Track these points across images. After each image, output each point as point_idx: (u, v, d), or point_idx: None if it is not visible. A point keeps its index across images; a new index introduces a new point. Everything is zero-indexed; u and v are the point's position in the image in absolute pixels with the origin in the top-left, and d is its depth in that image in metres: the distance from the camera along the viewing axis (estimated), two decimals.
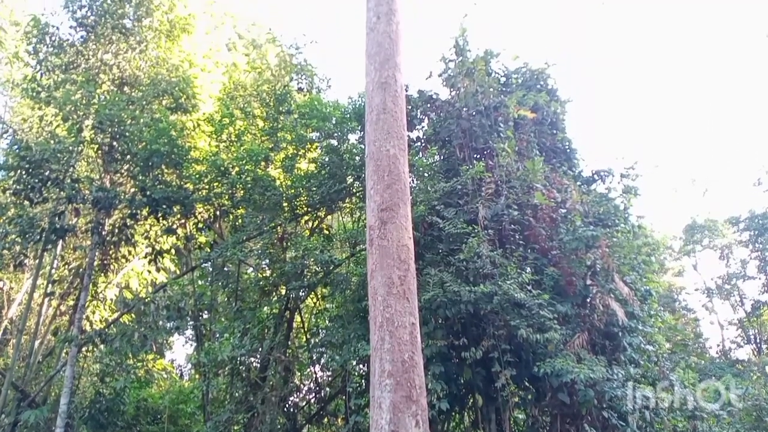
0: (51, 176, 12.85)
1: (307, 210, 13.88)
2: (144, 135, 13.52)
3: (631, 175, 13.01)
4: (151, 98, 14.68)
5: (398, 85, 6.89)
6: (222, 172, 13.13)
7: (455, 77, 13.24)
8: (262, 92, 15.16)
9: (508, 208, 11.27)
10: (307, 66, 15.95)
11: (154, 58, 15.63)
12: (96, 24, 15.11)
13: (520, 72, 14.29)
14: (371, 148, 6.56)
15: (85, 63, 15.03)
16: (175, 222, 14.51)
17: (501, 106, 12.75)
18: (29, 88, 14.59)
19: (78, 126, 13.67)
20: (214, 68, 16.99)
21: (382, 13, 7.29)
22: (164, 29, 15.69)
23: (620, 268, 11.28)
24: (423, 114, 13.91)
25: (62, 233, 13.48)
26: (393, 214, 6.09)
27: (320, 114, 13.33)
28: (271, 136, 14.06)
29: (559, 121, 13.95)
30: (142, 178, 13.78)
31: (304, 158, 14.30)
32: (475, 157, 12.48)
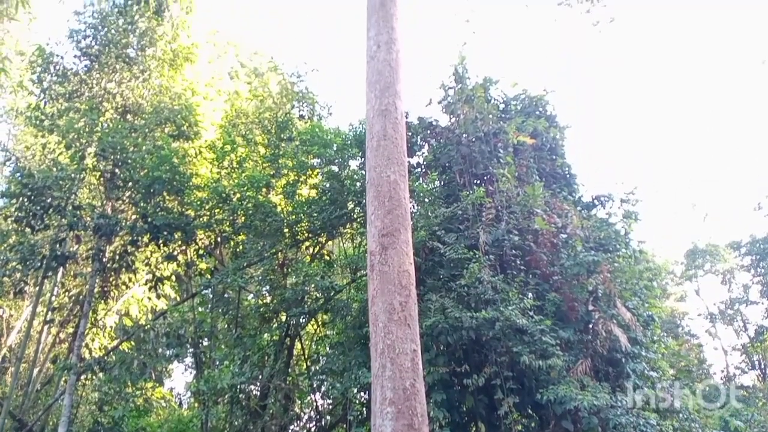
0: (53, 203, 12.90)
1: (308, 236, 13.89)
2: (146, 162, 13.61)
3: (631, 200, 13.06)
4: (154, 126, 14.81)
5: (398, 112, 6.96)
6: (223, 198, 13.18)
7: (455, 104, 13.38)
8: (264, 119, 15.31)
9: (508, 233, 11.28)
10: (309, 94, 16.14)
11: (157, 86, 15.81)
12: (100, 53, 15.32)
13: (519, 99, 14.44)
14: (372, 174, 6.60)
15: (89, 91, 15.20)
16: (176, 248, 14.51)
17: (500, 132, 12.86)
18: (33, 116, 14.73)
19: (80, 153, 13.77)
20: (217, 96, 17.18)
21: (382, 42, 7.40)
22: (167, 58, 15.91)
23: (622, 293, 11.24)
24: (423, 140, 14.02)
25: (63, 260, 13.49)
26: (394, 240, 6.10)
27: (321, 141, 13.44)
28: (273, 163, 14.15)
29: (559, 146, 14.06)
30: (143, 204, 13.83)
31: (305, 184, 14.37)
32: (476, 183, 12.54)
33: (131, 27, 15.52)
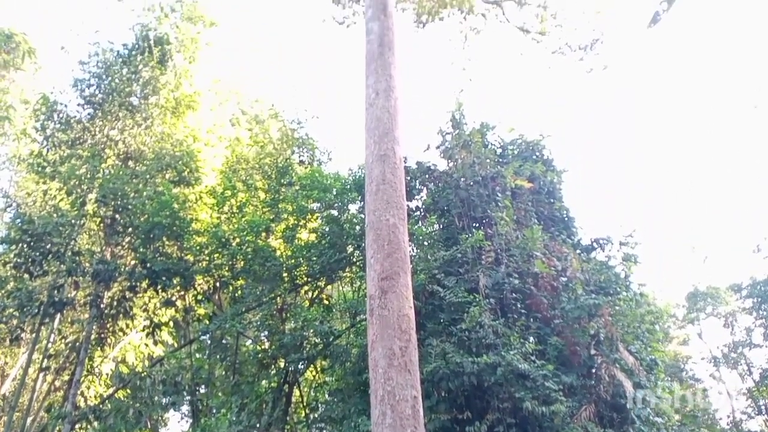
0: (52, 249, 12.90)
1: (307, 280, 13.84)
2: (146, 208, 13.68)
3: (630, 243, 13.09)
4: (155, 172, 14.94)
5: (397, 157, 7.06)
6: (223, 243, 13.19)
7: (452, 149, 13.57)
8: (264, 165, 15.47)
9: (508, 276, 11.26)
10: (309, 140, 16.36)
11: (159, 133, 16.03)
12: (104, 101, 15.58)
13: (516, 143, 14.65)
14: (371, 217, 6.64)
15: (92, 138, 15.39)
16: (174, 294, 14.43)
17: (498, 176, 13.00)
18: (35, 163, 14.87)
19: (81, 199, 13.85)
20: (218, 142, 17.39)
21: (380, 89, 7.57)
22: (170, 106, 16.18)
23: (624, 337, 11.14)
24: (422, 184, 14.15)
25: (60, 306, 13.39)
26: (393, 283, 6.08)
27: (321, 185, 13.55)
28: (273, 207, 14.23)
29: (556, 190, 14.18)
30: (143, 250, 13.82)
31: (304, 228, 14.41)
32: (474, 226, 12.59)
33: (135, 76, 15.82)
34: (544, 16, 14.14)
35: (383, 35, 8.17)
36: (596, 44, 14.00)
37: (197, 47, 17.40)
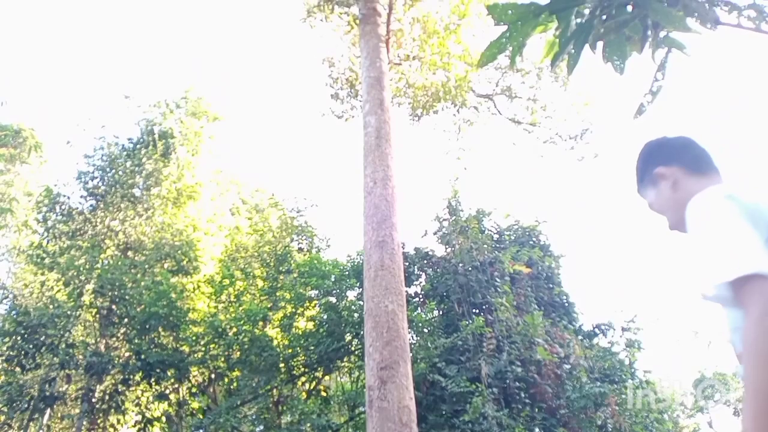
0: (46, 341, 12.69)
1: (305, 370, 13.52)
2: (144, 298, 13.59)
3: (632, 329, 12.96)
4: (154, 262, 14.98)
5: (395, 243, 7.14)
6: (219, 333, 13.00)
7: (450, 235, 13.71)
8: (263, 253, 15.53)
9: (511, 364, 11.05)
10: (308, 227, 16.52)
11: (159, 223, 16.21)
12: (106, 193, 15.86)
13: (513, 229, 14.83)
14: (370, 304, 6.62)
15: (92, 229, 15.54)
16: (168, 387, 14.03)
17: (496, 261, 13.05)
18: (34, 254, 14.92)
19: (79, 290, 13.79)
20: (217, 231, 17.56)
21: (378, 178, 7.78)
22: (171, 197, 16.46)
23: (633, 427, 10.77)
24: (420, 270, 14.17)
25: (51, 401, 13.00)
26: (393, 373, 5.98)
27: (319, 272, 13.54)
28: (270, 296, 14.14)
29: (555, 275, 14.20)
30: (138, 341, 13.60)
31: (302, 316, 14.25)
32: (474, 312, 12.49)
33: (138, 168, 16.22)
34: (534, 108, 14.75)
35: (380, 128, 8.51)
36: (586, 134, 14.49)
37: (200, 140, 17.97)
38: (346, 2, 12.47)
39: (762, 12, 2.84)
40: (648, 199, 2.05)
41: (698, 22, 2.85)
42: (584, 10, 2.76)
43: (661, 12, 2.74)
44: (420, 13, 12.83)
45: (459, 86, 13.74)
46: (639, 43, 2.95)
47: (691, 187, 1.87)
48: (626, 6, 2.79)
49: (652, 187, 2.01)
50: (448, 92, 13.79)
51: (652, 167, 1.99)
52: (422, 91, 14.02)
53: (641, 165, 2.07)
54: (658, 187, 1.98)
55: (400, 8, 12.49)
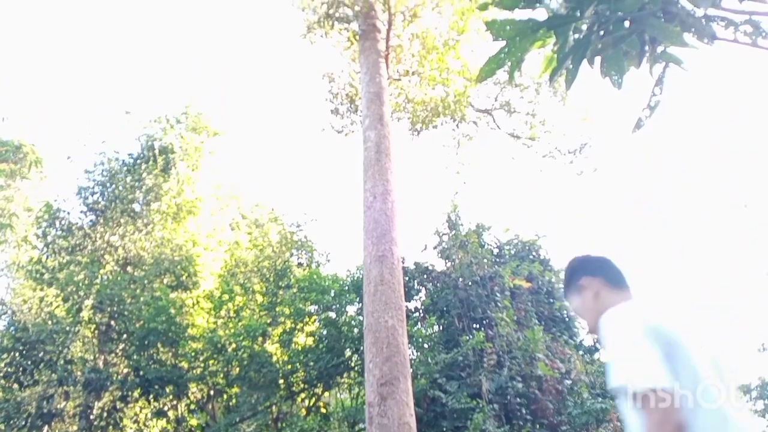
0: (44, 358, 12.62)
1: (304, 386, 13.42)
2: (143, 313, 13.54)
3: None
4: (153, 277, 14.94)
5: (395, 258, 7.13)
6: (218, 349, 12.93)
7: (449, 249, 13.70)
8: (263, 268, 15.49)
9: (511, 379, 10.98)
10: (308, 242, 16.50)
11: (159, 238, 16.19)
12: (106, 208, 15.86)
13: (512, 243, 14.82)
14: (369, 319, 6.60)
15: (92, 245, 15.51)
16: (166, 403, 13.93)
17: (496, 276, 13.03)
18: (33, 269, 14.88)
19: (77, 306, 13.73)
20: (217, 246, 17.53)
21: (378, 193, 7.79)
22: (171, 212, 16.46)
23: None
24: (420, 284, 14.13)
25: (49, 418, 12.88)
26: (393, 389, 5.94)
27: (319, 287, 13.51)
28: (270, 311, 14.09)
29: (555, 290, 14.17)
30: (136, 357, 13.52)
31: (301, 332, 14.18)
32: (475, 327, 12.44)
33: (138, 183, 16.23)
34: (533, 123, 14.81)
35: (380, 143, 8.54)
36: (585, 148, 14.54)
37: (200, 155, 18.01)
38: (345, 18, 12.56)
39: (758, 27, 2.86)
40: (573, 304, 2.37)
41: (695, 37, 2.88)
42: (582, 26, 2.78)
43: (659, 27, 2.76)
44: (419, 29, 12.93)
45: (458, 101, 13.81)
46: (636, 58, 2.97)
47: (609, 298, 2.20)
48: (624, 22, 2.81)
49: (577, 294, 2.32)
50: (448, 107, 13.85)
51: (579, 277, 2.31)
52: (421, 106, 14.09)
53: (569, 274, 2.40)
54: (583, 294, 2.29)
55: (399, 24, 12.59)
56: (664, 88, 3.09)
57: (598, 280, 2.27)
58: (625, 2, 2.69)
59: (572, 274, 2.38)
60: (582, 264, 2.39)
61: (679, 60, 2.99)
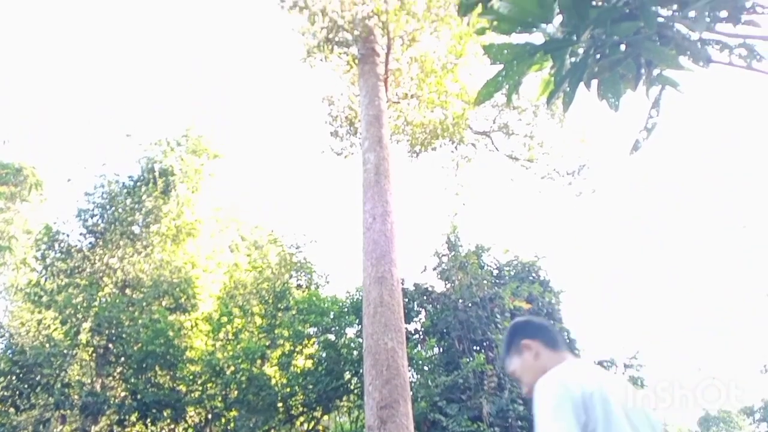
0: (41, 381, 12.50)
1: (303, 410, 13.29)
2: (141, 336, 13.45)
3: (634, 365, 12.81)
4: (152, 299, 14.87)
5: (394, 279, 7.12)
6: (217, 371, 12.83)
7: (449, 270, 13.68)
8: (262, 290, 15.44)
9: (512, 402, 10.88)
10: (307, 264, 16.47)
11: (158, 260, 16.16)
12: (105, 231, 15.86)
13: (512, 264, 14.80)
14: (369, 341, 6.56)
15: (91, 267, 15.47)
16: (164, 427, 13.75)
17: (496, 297, 12.99)
18: (32, 292, 14.82)
19: (75, 329, 13.65)
20: (216, 268, 17.49)
21: (377, 214, 7.81)
22: (171, 234, 16.46)
23: None
24: (420, 306, 14.08)
25: None
26: (393, 412, 5.89)
27: (318, 309, 13.45)
28: (269, 333, 14.01)
29: (555, 311, 14.11)
30: (134, 381, 13.40)
31: (301, 354, 14.09)
32: (475, 349, 12.37)
33: (138, 206, 16.25)
34: (531, 144, 14.91)
35: (379, 164, 8.58)
36: (583, 170, 14.62)
37: (200, 178, 18.07)
38: (345, 43, 12.71)
39: (752, 50, 2.91)
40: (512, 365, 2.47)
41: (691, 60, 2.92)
42: (578, 50, 2.83)
43: (654, 51, 2.81)
44: (418, 53, 13.08)
45: (457, 123, 13.92)
46: (633, 81, 3.01)
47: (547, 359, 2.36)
48: (620, 45, 2.86)
49: (518, 355, 2.45)
50: (446, 129, 13.95)
51: (521, 339, 2.45)
52: (420, 129, 14.19)
53: (511, 336, 2.52)
54: (523, 355, 2.42)
55: (398, 48, 12.74)
56: (661, 110, 3.13)
57: (537, 343, 2.41)
58: (621, 26, 2.74)
59: (514, 336, 2.50)
60: (523, 327, 2.54)
61: (675, 83, 3.04)
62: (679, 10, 2.86)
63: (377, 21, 11.77)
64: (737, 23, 2.88)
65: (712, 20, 2.88)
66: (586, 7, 2.68)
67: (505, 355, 2.53)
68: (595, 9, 2.74)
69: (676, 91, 3.06)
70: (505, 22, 2.82)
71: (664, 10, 2.88)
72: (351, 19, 11.74)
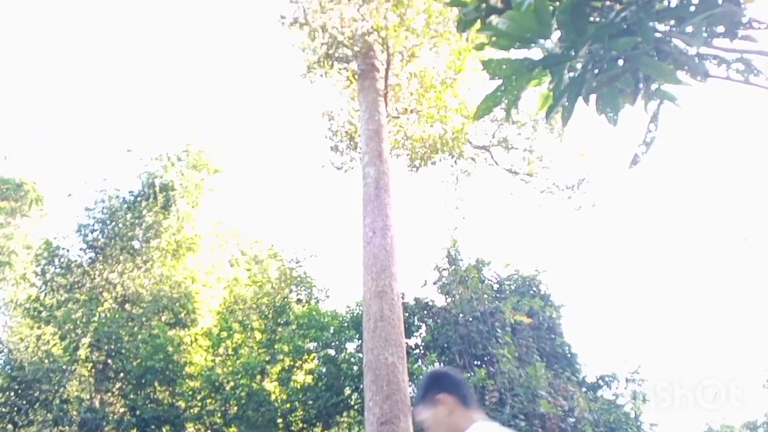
0: (40, 397, 12.43)
1: (303, 426, 13.19)
2: (140, 351, 13.40)
3: (636, 380, 12.75)
4: (151, 314, 14.83)
5: (395, 293, 7.11)
6: (216, 387, 12.76)
7: (449, 285, 13.65)
8: (262, 305, 15.39)
9: (514, 418, 10.80)
10: (307, 278, 16.44)
11: (158, 275, 16.13)
12: (105, 246, 15.85)
13: (513, 278, 14.76)
14: (369, 356, 6.54)
15: (90, 282, 15.44)
16: None
17: (497, 311, 12.95)
18: (31, 307, 14.78)
19: (75, 344, 13.60)
20: (216, 283, 17.45)
21: (377, 228, 7.82)
22: (171, 249, 16.44)
23: None
24: (420, 320, 14.03)
25: None
26: (393, 428, 5.85)
27: (318, 324, 13.41)
28: (269, 348, 13.95)
29: (556, 325, 14.05)
30: (133, 396, 13.32)
31: (300, 370, 14.02)
32: (476, 364, 12.31)
33: (138, 221, 16.25)
34: (531, 159, 14.96)
35: (379, 179, 8.61)
36: (582, 183, 14.65)
37: (201, 192, 18.10)
38: (345, 58, 12.81)
39: (749, 65, 2.94)
40: (424, 414, 2.46)
41: (688, 74, 2.95)
42: (577, 65, 2.85)
43: (652, 66, 2.84)
44: (417, 69, 13.17)
45: (456, 138, 13.98)
46: (631, 95, 3.04)
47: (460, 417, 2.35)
48: (617, 60, 2.89)
49: (431, 407, 2.42)
50: (446, 144, 14.01)
51: (438, 392, 2.42)
52: (420, 143, 14.25)
53: (428, 385, 2.52)
54: (437, 408, 2.40)
55: (397, 64, 12.83)
56: (659, 124, 3.15)
57: (453, 399, 2.38)
58: (619, 42, 2.77)
59: (431, 387, 2.49)
60: (442, 379, 2.54)
61: (673, 97, 3.06)
62: (676, 25, 2.89)
63: (377, 37, 11.87)
64: (734, 38, 2.91)
65: (709, 35, 2.91)
66: (584, 22, 2.71)
67: (418, 402, 2.50)
68: (592, 25, 2.77)
69: (674, 105, 3.09)
70: (503, 38, 2.84)
71: (661, 25, 2.91)
72: (351, 35, 11.85)
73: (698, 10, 2.76)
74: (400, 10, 11.65)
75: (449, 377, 2.57)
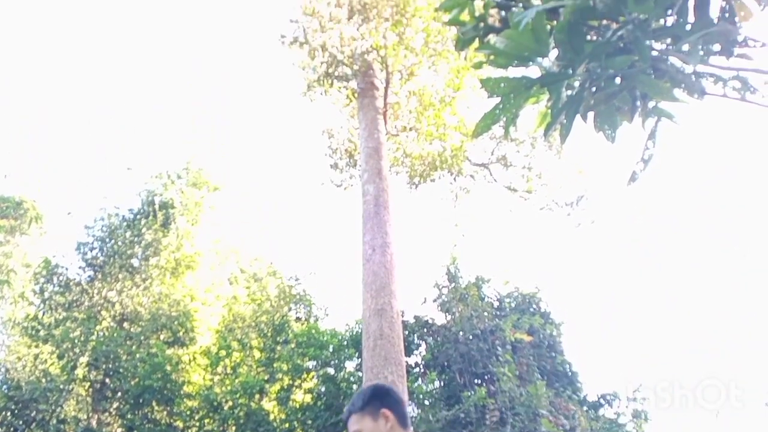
0: (37, 417, 12.30)
1: None
2: (138, 371, 13.30)
3: (638, 399, 12.65)
4: (150, 333, 14.74)
5: (394, 311, 7.09)
6: (214, 407, 12.64)
7: (449, 302, 13.60)
8: (261, 323, 15.32)
9: None
10: (306, 296, 16.37)
11: (156, 294, 16.05)
12: (104, 264, 15.81)
13: (513, 296, 14.71)
14: (369, 375, 6.50)
15: (89, 301, 15.37)
16: None
17: (497, 329, 12.88)
18: (29, 326, 14.70)
19: (72, 363, 13.50)
20: (215, 301, 17.37)
21: (377, 245, 7.81)
22: (170, 267, 16.39)
23: None
24: (420, 338, 13.95)
25: None
26: None
27: (317, 342, 13.33)
28: (267, 367, 13.85)
29: (557, 343, 13.97)
30: (130, 416, 13.19)
31: (299, 389, 13.90)
32: (476, 383, 12.22)
33: (138, 239, 16.23)
34: (530, 176, 15.00)
35: (378, 196, 8.63)
36: (582, 200, 14.68)
37: (200, 210, 18.10)
38: (344, 77, 12.91)
39: (746, 83, 2.96)
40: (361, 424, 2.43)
41: (685, 92, 2.97)
42: (574, 83, 2.88)
43: (649, 84, 2.86)
44: (416, 87, 13.27)
45: (455, 155, 14.04)
46: (629, 113, 3.05)
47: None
48: (615, 78, 2.91)
49: (372, 417, 2.40)
50: (445, 161, 14.06)
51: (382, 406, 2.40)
52: (419, 161, 14.30)
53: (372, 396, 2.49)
54: (378, 422, 2.38)
55: (396, 82, 12.93)
56: (657, 141, 3.17)
57: (394, 417, 2.38)
58: (616, 60, 2.79)
59: (375, 398, 2.47)
60: (388, 394, 2.53)
61: (670, 114, 3.08)
62: (672, 43, 2.92)
63: (376, 56, 11.98)
64: (730, 56, 2.94)
65: (706, 53, 2.94)
66: (581, 41, 2.73)
67: (357, 409, 2.47)
68: (590, 43, 2.80)
69: (671, 122, 3.10)
70: (501, 57, 2.87)
71: (658, 44, 2.94)
72: (350, 54, 11.95)
73: (694, 29, 2.79)
74: (399, 29, 11.78)
75: (393, 394, 2.56)
